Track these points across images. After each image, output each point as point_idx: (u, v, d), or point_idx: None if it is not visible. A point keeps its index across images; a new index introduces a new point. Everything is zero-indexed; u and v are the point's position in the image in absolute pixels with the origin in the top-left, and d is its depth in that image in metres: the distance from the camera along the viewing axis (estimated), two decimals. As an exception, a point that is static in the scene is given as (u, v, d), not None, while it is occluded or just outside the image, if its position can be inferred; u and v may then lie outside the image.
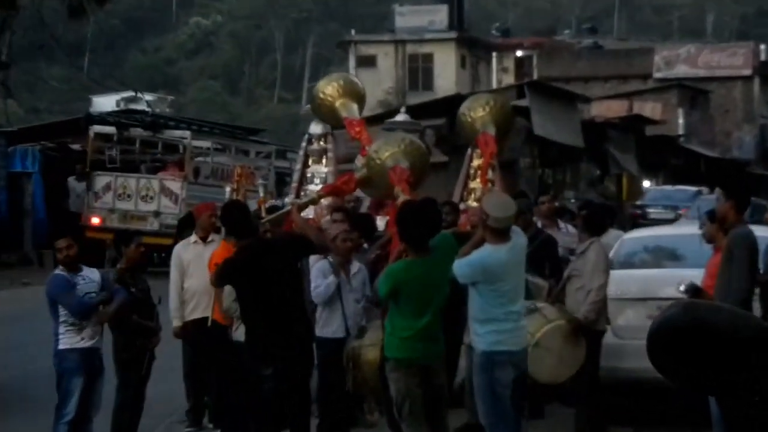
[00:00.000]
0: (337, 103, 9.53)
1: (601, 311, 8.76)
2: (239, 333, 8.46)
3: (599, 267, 8.78)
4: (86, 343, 8.31)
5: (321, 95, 9.67)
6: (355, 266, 9.07)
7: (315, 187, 11.55)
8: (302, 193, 11.55)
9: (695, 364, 7.96)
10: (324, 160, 11.57)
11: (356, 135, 9.23)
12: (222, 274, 7.84)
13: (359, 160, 9.76)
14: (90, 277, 8.42)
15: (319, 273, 8.85)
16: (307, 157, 11.60)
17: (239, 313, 8.21)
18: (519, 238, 7.46)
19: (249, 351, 7.76)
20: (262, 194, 11.97)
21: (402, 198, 7.99)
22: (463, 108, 9.81)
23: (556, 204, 12.43)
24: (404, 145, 8.58)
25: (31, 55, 47.30)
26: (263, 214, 9.41)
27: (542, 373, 8.40)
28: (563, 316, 8.59)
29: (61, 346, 8.36)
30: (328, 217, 10.33)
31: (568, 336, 8.46)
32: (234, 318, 8.76)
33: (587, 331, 8.61)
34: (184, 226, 11.18)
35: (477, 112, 9.64)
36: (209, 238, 9.74)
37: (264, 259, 7.57)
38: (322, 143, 11.56)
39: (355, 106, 9.53)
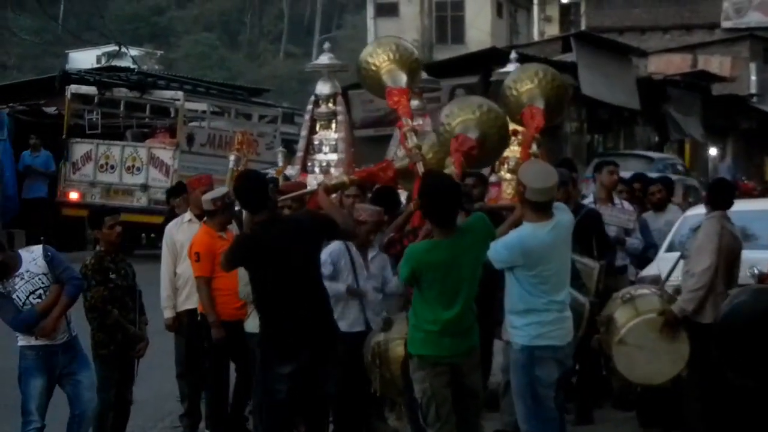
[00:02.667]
0: (383, 71, 9.32)
1: (704, 300, 8.53)
2: (251, 324, 8.48)
3: (705, 247, 8.61)
4: (45, 340, 8.28)
5: (365, 65, 9.46)
6: (374, 249, 9.10)
7: (324, 156, 11.57)
8: (309, 164, 11.57)
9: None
10: (333, 125, 11.56)
11: (394, 105, 9.11)
12: (234, 254, 7.73)
13: (400, 150, 9.73)
14: (31, 270, 8.25)
15: (328, 255, 8.90)
16: (313, 121, 11.61)
17: (252, 298, 8.18)
18: (563, 214, 7.47)
19: (264, 345, 7.68)
20: (281, 163, 12.08)
21: (450, 170, 7.93)
22: (508, 81, 9.65)
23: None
24: (480, 112, 8.56)
25: (-4, 4, 47.37)
26: (281, 183, 9.40)
27: (634, 372, 8.54)
28: (658, 308, 8.57)
29: (19, 342, 8.39)
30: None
31: (662, 330, 8.46)
32: (248, 304, 8.83)
33: (690, 325, 8.50)
34: (173, 196, 11.27)
35: (524, 85, 9.45)
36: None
37: (282, 238, 7.49)
38: (330, 105, 11.54)
39: (403, 76, 9.27)
